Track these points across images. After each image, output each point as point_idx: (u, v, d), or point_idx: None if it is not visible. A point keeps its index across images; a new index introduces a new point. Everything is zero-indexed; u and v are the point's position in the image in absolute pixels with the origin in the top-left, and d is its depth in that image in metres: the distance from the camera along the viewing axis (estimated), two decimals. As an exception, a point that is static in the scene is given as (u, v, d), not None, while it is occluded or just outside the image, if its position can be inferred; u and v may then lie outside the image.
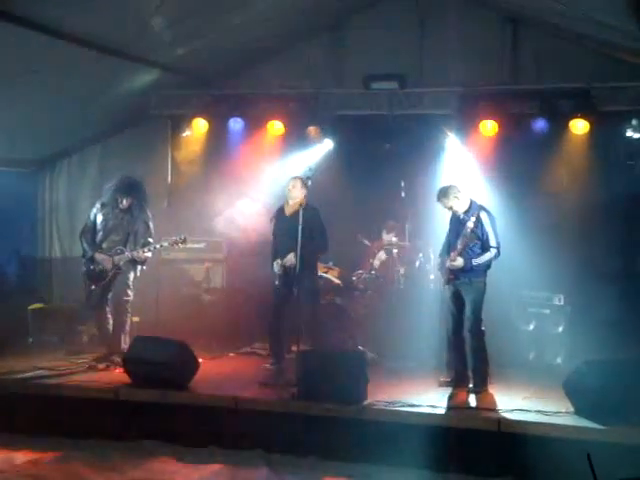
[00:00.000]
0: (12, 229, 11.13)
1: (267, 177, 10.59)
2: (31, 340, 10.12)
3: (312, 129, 10.35)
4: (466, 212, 7.95)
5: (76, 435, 7.35)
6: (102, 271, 8.77)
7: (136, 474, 6.55)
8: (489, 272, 7.96)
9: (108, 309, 8.96)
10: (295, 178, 8.99)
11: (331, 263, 10.15)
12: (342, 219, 9.80)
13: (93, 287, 8.86)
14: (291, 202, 8.93)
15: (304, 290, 8.62)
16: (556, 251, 9.36)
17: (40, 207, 11.70)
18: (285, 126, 10.40)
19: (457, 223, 8.03)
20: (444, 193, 8.01)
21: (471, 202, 8.01)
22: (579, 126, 9.39)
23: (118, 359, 8.47)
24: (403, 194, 9.81)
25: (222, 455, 6.96)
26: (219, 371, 8.72)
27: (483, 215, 7.87)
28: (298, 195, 8.86)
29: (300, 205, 8.49)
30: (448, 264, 7.88)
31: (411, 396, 7.37)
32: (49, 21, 7.78)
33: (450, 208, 8.03)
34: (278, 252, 8.93)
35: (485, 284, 7.89)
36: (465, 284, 7.89)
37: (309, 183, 8.76)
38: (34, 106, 9.36)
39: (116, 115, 10.83)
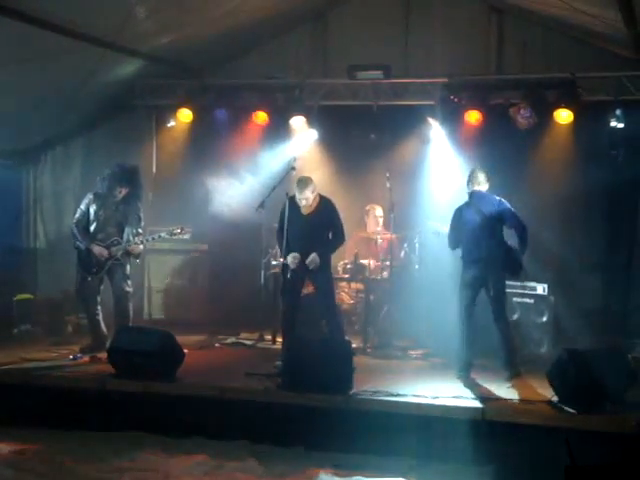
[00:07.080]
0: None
1: (252, 167, 10.57)
2: (16, 331, 10.08)
3: (297, 119, 10.33)
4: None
5: (61, 426, 7.34)
6: (99, 262, 8.73)
7: (121, 465, 6.53)
8: (466, 260, 8.05)
9: (99, 299, 8.91)
10: (308, 184, 8.24)
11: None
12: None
13: (89, 279, 8.81)
14: (306, 203, 8.28)
15: (322, 288, 8.52)
16: (540, 241, 9.38)
17: (24, 198, 11.64)
18: (270, 116, 10.39)
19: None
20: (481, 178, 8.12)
21: None
22: (563, 116, 9.43)
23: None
24: (388, 184, 9.80)
25: (207, 445, 6.94)
26: (205, 361, 8.70)
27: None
28: (314, 197, 8.37)
29: (317, 203, 8.30)
30: None
31: (396, 385, 7.38)
32: (32, 10, 7.74)
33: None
34: (290, 248, 8.27)
35: None
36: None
37: (294, 173, 8.70)
38: (17, 96, 9.31)
39: (100, 105, 10.78)
